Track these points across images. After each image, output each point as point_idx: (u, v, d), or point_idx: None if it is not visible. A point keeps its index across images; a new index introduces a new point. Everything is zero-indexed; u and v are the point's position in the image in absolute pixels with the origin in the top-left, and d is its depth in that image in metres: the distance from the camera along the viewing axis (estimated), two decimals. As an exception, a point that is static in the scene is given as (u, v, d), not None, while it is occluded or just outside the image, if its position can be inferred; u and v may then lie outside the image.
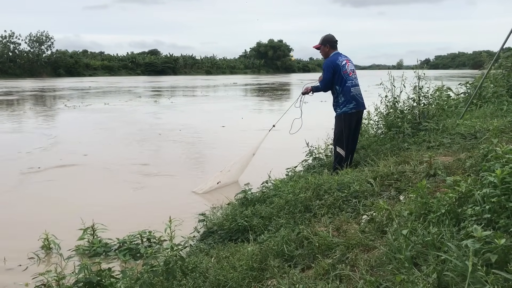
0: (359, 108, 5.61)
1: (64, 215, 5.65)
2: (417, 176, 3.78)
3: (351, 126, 5.59)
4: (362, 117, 5.93)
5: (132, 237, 4.64)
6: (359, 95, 5.62)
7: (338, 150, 5.60)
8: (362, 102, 5.68)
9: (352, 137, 5.63)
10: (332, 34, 5.83)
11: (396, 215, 2.82)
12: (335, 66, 5.54)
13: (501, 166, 2.53)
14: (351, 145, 5.62)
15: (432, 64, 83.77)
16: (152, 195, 6.60)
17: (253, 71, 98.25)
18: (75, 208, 5.83)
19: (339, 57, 5.63)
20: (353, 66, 5.71)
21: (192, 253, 3.93)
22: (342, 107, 5.55)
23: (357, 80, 5.66)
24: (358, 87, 5.63)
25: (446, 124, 6.04)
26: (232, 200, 5.38)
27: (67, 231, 4.72)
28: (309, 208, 3.82)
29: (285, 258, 2.86)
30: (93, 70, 76.97)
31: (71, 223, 4.87)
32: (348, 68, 5.57)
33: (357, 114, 5.65)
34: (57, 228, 4.87)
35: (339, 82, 5.53)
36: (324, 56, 5.76)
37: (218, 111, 18.63)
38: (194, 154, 9.81)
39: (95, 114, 17.63)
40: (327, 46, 5.73)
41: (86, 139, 11.50)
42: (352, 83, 5.55)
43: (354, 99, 5.53)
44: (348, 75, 5.54)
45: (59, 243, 4.50)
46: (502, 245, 1.85)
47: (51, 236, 4.60)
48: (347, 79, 5.52)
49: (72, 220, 4.98)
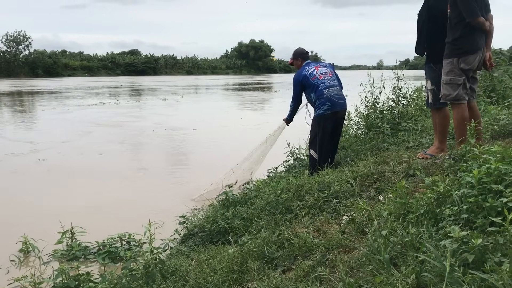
0: (335, 109, 5.45)
1: (44, 218, 5.54)
2: (397, 176, 3.81)
3: (326, 129, 5.46)
4: (343, 118, 5.77)
5: (111, 240, 4.58)
6: (335, 95, 5.48)
7: (312, 152, 5.58)
8: (340, 102, 5.52)
9: (328, 139, 5.49)
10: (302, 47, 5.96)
11: (375, 215, 2.83)
12: (302, 79, 5.57)
13: (478, 167, 2.56)
14: (326, 146, 5.47)
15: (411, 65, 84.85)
16: (133, 197, 6.53)
17: (234, 71, 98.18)
18: (56, 210, 5.72)
19: (305, 68, 5.64)
20: (326, 69, 5.65)
21: (173, 255, 3.90)
22: (317, 109, 5.50)
23: (332, 80, 5.55)
24: (334, 88, 5.51)
25: (425, 124, 6.12)
26: (213, 202, 5.36)
27: (47, 234, 4.62)
28: (290, 209, 3.81)
29: (265, 260, 2.85)
30: (72, 70, 76.01)
31: (51, 226, 4.77)
32: (317, 73, 5.54)
33: (334, 116, 5.48)
34: (37, 230, 4.77)
35: (312, 90, 5.50)
36: (297, 69, 5.82)
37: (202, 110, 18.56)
38: (177, 155, 9.75)
39: (75, 114, 17.37)
40: (299, 59, 5.83)
41: (64, 141, 11.32)
42: (325, 85, 5.47)
43: (329, 100, 5.41)
44: (319, 78, 5.49)
45: (39, 246, 4.41)
46: (479, 245, 1.87)
47: (30, 239, 4.51)
48: (319, 83, 5.47)
49: (52, 222, 4.88)
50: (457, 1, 3.92)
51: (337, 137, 5.72)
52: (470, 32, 3.94)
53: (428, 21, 4.31)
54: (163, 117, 16.50)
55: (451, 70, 4.03)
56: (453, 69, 4.01)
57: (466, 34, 3.95)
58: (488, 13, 4.08)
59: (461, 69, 3.99)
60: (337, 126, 5.64)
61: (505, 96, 7.53)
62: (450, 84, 4.03)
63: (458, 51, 3.99)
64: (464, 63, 3.98)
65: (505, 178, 2.40)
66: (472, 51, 3.98)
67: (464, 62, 3.98)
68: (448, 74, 4.04)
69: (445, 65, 4.08)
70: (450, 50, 4.06)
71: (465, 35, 3.95)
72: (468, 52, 3.97)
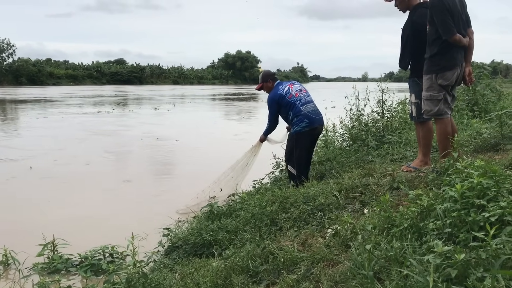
0: (313, 125, 5.49)
1: (26, 229, 5.44)
2: (381, 189, 3.83)
3: (304, 146, 5.49)
4: (319, 133, 5.81)
5: (94, 252, 4.50)
6: (312, 111, 5.51)
7: (290, 168, 5.59)
8: (317, 118, 5.56)
9: (306, 155, 5.53)
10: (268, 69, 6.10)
11: (360, 229, 2.84)
12: (278, 98, 5.57)
13: (461, 181, 2.58)
14: (304, 162, 5.50)
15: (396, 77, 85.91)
16: (116, 208, 6.46)
17: (221, 81, 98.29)
18: (38, 221, 5.63)
19: (279, 87, 5.67)
20: (299, 86, 5.74)
21: (156, 268, 3.85)
22: (295, 126, 5.50)
23: (308, 96, 5.61)
24: (310, 104, 5.55)
25: (409, 137, 6.17)
26: (198, 214, 5.32)
27: (28, 246, 4.53)
28: (275, 222, 3.80)
29: (250, 274, 2.83)
30: (56, 79, 75.26)
31: (33, 238, 4.67)
32: (292, 91, 5.58)
33: (312, 132, 5.52)
34: (18, 242, 4.67)
35: (289, 108, 5.51)
36: (268, 91, 5.81)
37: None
38: (161, 165, 9.69)
39: (60, 123, 17.18)
40: (269, 81, 5.84)
41: (50, 150, 11.17)
42: (301, 101, 5.50)
43: (307, 117, 5.43)
44: (295, 96, 5.53)
45: (19, 259, 4.33)
46: (462, 260, 1.88)
47: (10, 252, 4.42)
48: (295, 100, 5.50)
49: (34, 234, 4.78)
50: (434, 19, 3.97)
51: (312, 153, 5.79)
52: (448, 48, 3.98)
53: (412, 36, 4.36)
54: (152, 126, 16.49)
55: (430, 86, 4.07)
56: (432, 85, 4.05)
57: (443, 50, 3.98)
58: (469, 29, 4.13)
59: (439, 85, 4.03)
60: (313, 141, 5.71)
61: (487, 109, 7.65)
62: (431, 100, 4.07)
63: (436, 67, 4.03)
64: (442, 79, 4.01)
65: (487, 192, 2.43)
66: (449, 67, 4.01)
67: (442, 78, 4.01)
68: (428, 90, 4.09)
69: (424, 81, 4.12)
70: (428, 66, 4.10)
71: (443, 51, 3.99)
72: (445, 68, 4.00)
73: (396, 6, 4.50)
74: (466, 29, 4.08)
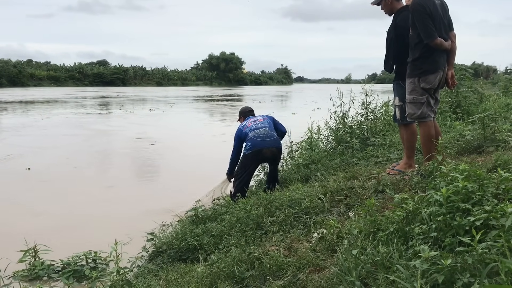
0: (256, 147, 5.67)
1: (6, 235, 5.31)
2: (366, 192, 3.83)
3: (247, 168, 5.79)
4: (272, 155, 5.81)
5: (76, 258, 4.42)
6: (259, 135, 5.74)
7: (231, 184, 6.00)
8: (263, 141, 5.71)
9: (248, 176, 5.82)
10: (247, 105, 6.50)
11: (346, 233, 2.83)
12: (239, 133, 5.93)
13: (446, 185, 2.59)
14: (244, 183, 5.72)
15: (379, 79, 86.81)
16: (100, 212, 6.35)
17: (205, 83, 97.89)
18: (20, 227, 5.51)
19: (243, 122, 6.05)
20: (258, 117, 6.07)
21: (140, 274, 3.79)
22: (244, 150, 5.86)
23: (261, 123, 5.86)
24: (260, 129, 5.79)
25: (393, 139, 6.20)
26: (182, 218, 5.27)
27: (9, 252, 4.42)
28: (260, 226, 3.78)
29: (235, 280, 2.79)
30: (38, 80, 74.05)
31: (14, 244, 4.56)
32: (249, 122, 5.94)
33: (257, 154, 5.71)
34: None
35: (245, 138, 5.84)
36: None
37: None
38: (145, 168, 9.59)
39: (43, 125, 16.92)
40: (241, 117, 6.33)
41: (37, 151, 10.97)
42: (251, 128, 5.82)
43: (250, 141, 5.72)
44: (248, 126, 5.88)
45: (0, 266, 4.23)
46: (448, 266, 1.88)
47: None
48: (248, 130, 5.82)
49: (15, 240, 4.68)
50: (415, 23, 4.00)
51: (273, 172, 6.00)
52: (430, 52, 4.01)
53: (396, 39, 4.38)
54: (144, 127, 16.40)
55: (413, 89, 4.10)
56: (415, 88, 4.08)
57: (426, 54, 4.02)
58: (451, 32, 4.17)
59: (422, 88, 4.06)
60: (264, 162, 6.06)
61: (470, 112, 7.73)
62: (414, 103, 4.10)
63: (418, 70, 4.06)
64: (424, 83, 4.04)
65: (472, 196, 2.44)
66: (432, 71, 4.04)
67: (425, 82, 4.04)
68: (411, 93, 4.11)
69: (407, 84, 4.15)
70: (411, 69, 4.13)
71: (425, 55, 4.02)
72: (428, 71, 4.03)
73: (382, 9, 4.53)
74: (448, 32, 4.12)
